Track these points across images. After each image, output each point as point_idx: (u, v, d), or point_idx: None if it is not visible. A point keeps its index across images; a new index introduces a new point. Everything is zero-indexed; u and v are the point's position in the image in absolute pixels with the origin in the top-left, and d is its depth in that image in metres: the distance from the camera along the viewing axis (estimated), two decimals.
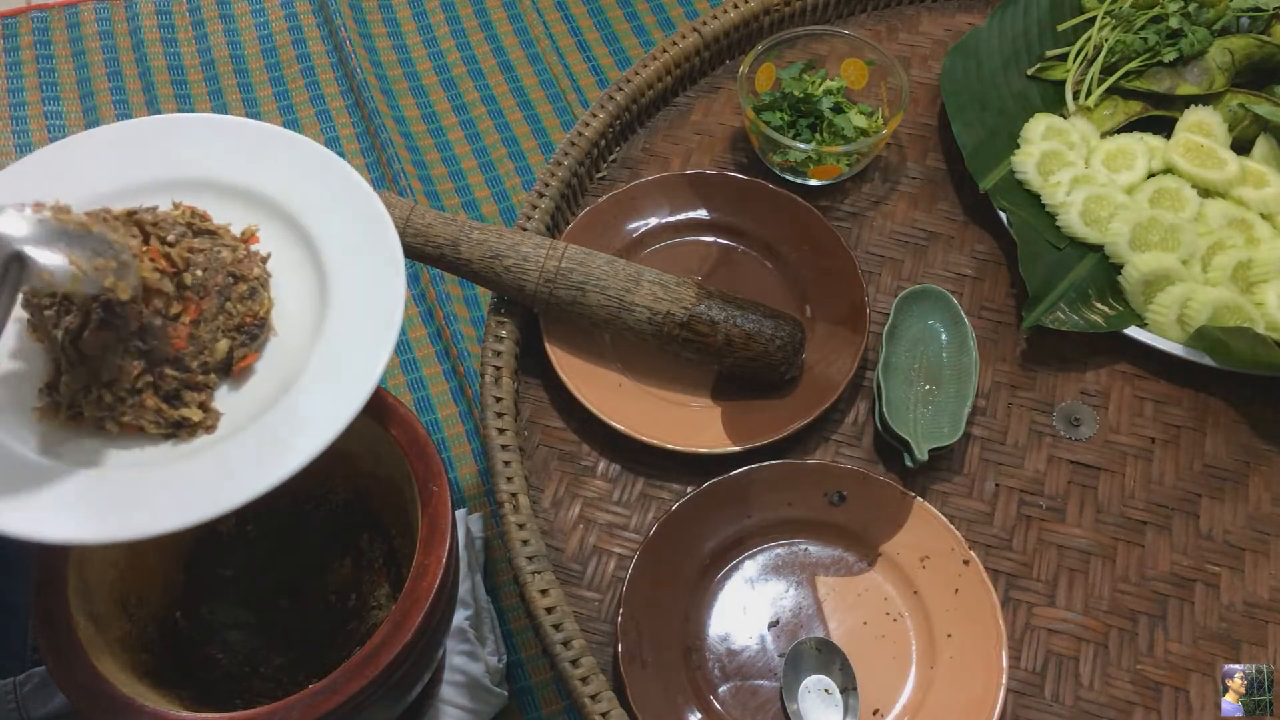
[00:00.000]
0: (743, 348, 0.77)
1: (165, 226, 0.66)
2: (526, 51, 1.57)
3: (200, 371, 0.64)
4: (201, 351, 0.64)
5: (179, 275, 0.64)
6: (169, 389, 0.63)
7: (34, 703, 0.83)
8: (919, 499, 0.75)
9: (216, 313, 0.65)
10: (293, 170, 0.72)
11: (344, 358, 0.66)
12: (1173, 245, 0.84)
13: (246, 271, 0.67)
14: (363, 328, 0.66)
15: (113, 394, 0.62)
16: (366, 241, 0.70)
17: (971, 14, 1.04)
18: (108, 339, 0.62)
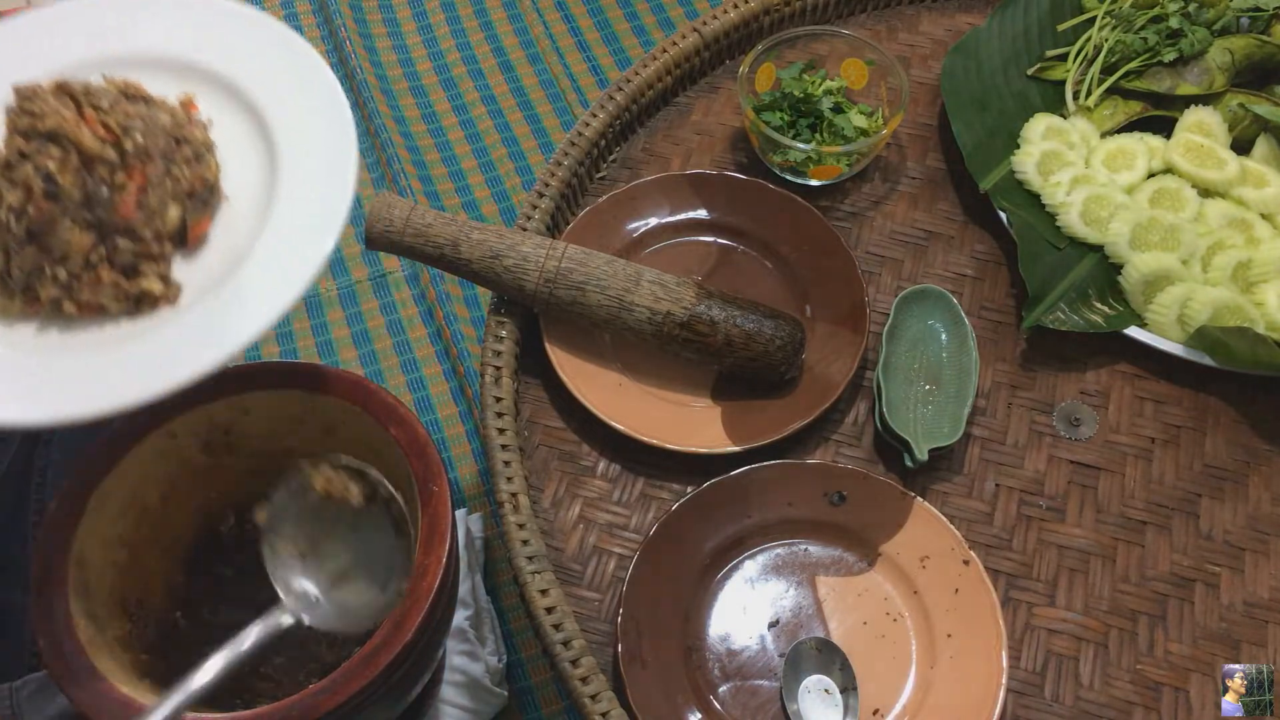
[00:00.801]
0: (743, 348, 0.77)
1: (97, 94, 0.64)
2: (526, 51, 1.57)
3: (154, 241, 0.63)
4: (153, 219, 0.63)
5: (119, 142, 0.63)
6: (124, 261, 0.62)
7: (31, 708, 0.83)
8: (919, 499, 0.75)
9: (163, 178, 0.64)
10: (232, 40, 0.71)
11: (299, 224, 0.65)
12: (1173, 245, 0.84)
13: (189, 135, 0.66)
14: (317, 191, 0.65)
15: (67, 270, 0.61)
16: (316, 107, 0.68)
17: (971, 14, 1.04)
18: (53, 211, 0.60)
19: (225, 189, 0.67)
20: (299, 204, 0.65)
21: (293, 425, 0.80)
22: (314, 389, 0.77)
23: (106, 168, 0.62)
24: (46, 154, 0.60)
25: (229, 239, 0.66)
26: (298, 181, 0.66)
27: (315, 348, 1.30)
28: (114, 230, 0.62)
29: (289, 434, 0.81)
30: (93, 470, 0.73)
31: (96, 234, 0.62)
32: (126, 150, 0.63)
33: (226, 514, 0.85)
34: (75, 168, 0.60)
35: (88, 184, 0.61)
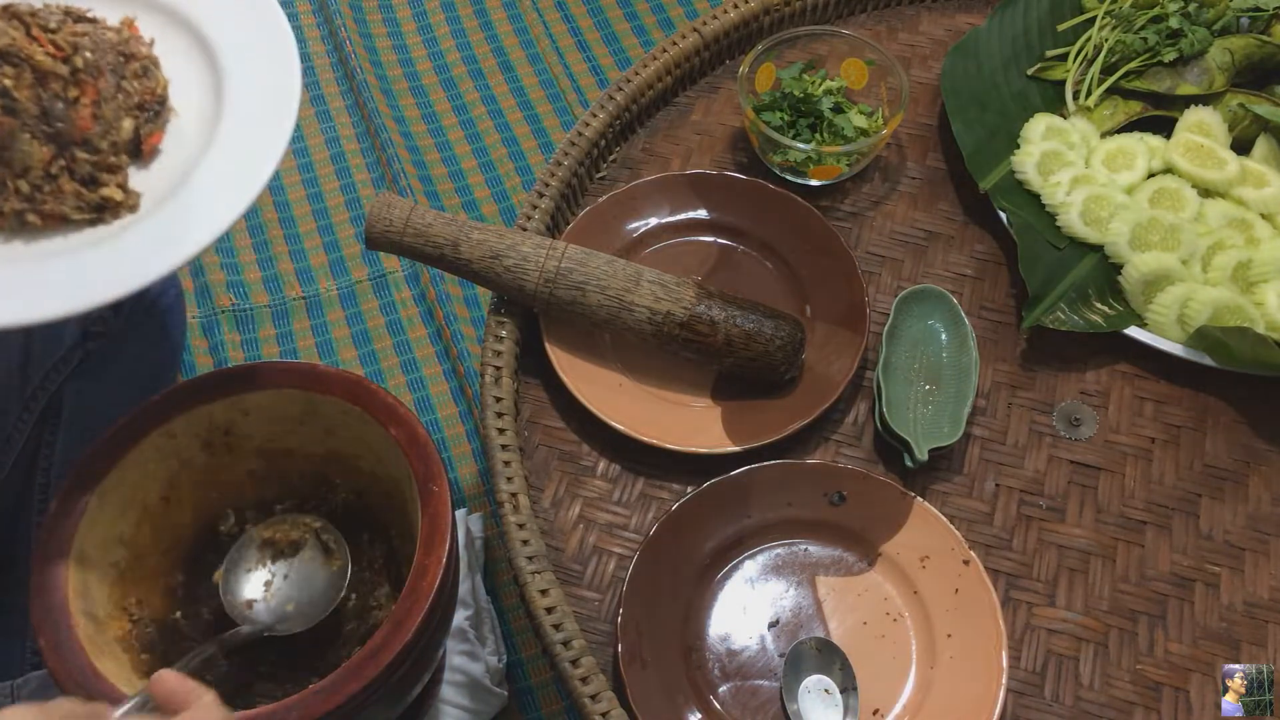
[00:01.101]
0: (743, 348, 0.77)
1: (44, 15, 0.67)
2: (526, 51, 1.57)
3: (111, 152, 0.67)
4: (108, 132, 0.67)
5: (70, 59, 0.66)
6: (84, 173, 0.66)
7: None
8: (919, 499, 0.75)
9: (115, 92, 0.68)
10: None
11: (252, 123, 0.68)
12: (1173, 245, 0.84)
13: (135, 50, 0.69)
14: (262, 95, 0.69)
15: (29, 182, 0.65)
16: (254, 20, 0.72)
17: (971, 14, 1.04)
18: (12, 126, 0.64)
19: (173, 104, 0.71)
20: (246, 110, 0.69)
21: (293, 425, 0.80)
22: (314, 389, 0.77)
23: (60, 83, 0.65)
24: (2, 72, 0.64)
25: (181, 150, 0.69)
26: (242, 91, 0.70)
27: (315, 348, 1.30)
28: (72, 142, 0.66)
29: (289, 434, 0.81)
30: (93, 470, 0.73)
31: (55, 146, 0.65)
32: (78, 66, 0.66)
33: (226, 514, 0.85)
34: (30, 84, 0.64)
35: (43, 99, 0.64)
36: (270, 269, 1.36)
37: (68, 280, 0.63)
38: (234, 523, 0.86)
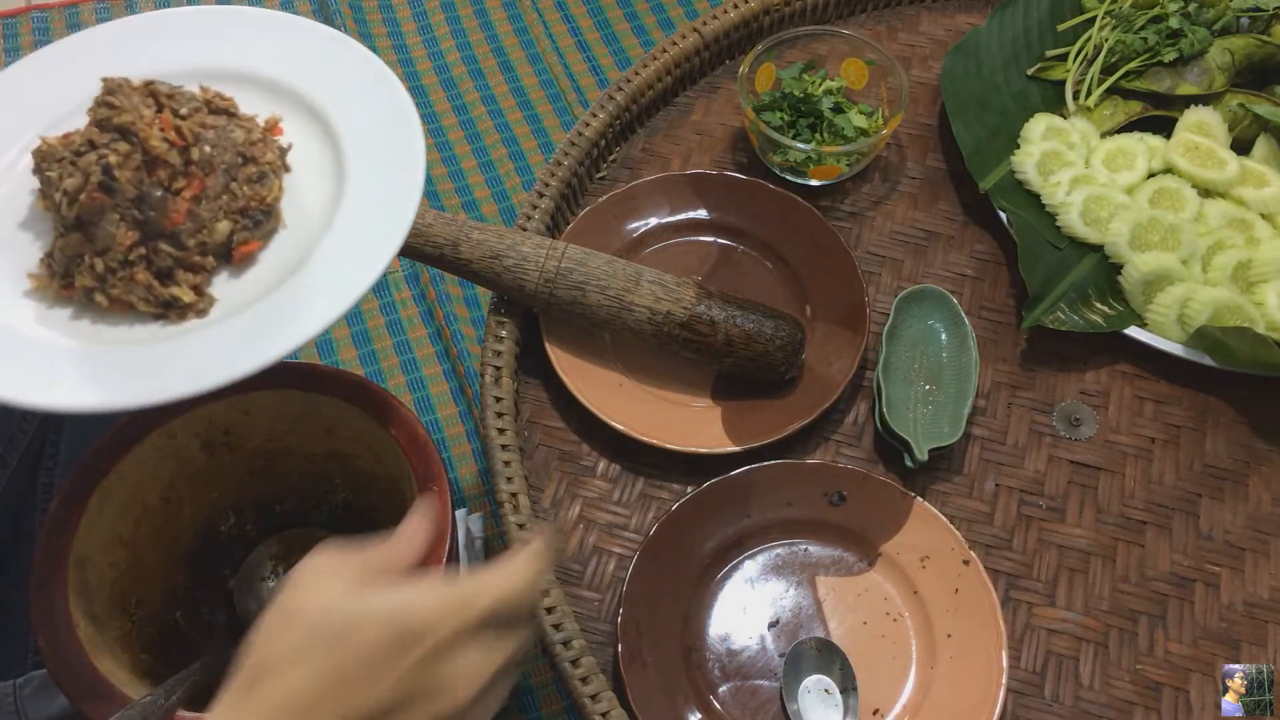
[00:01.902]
0: (743, 348, 0.77)
1: (180, 100, 0.66)
2: (526, 51, 1.57)
3: (197, 252, 0.64)
4: (200, 230, 0.64)
5: (187, 150, 0.64)
6: (162, 265, 0.63)
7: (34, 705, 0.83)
8: (919, 499, 0.75)
9: (220, 192, 0.65)
10: (324, 65, 0.72)
11: (347, 256, 0.65)
12: (1173, 245, 0.84)
13: (259, 155, 0.67)
14: (371, 229, 0.65)
15: (104, 263, 0.63)
16: (390, 145, 0.69)
17: (971, 14, 1.04)
18: (104, 204, 0.62)
19: (286, 216, 0.68)
20: (347, 241, 0.66)
21: (293, 425, 0.80)
22: (314, 389, 0.77)
23: (167, 171, 0.63)
24: (114, 147, 0.62)
25: (276, 265, 0.66)
26: (353, 220, 0.66)
27: (315, 348, 1.31)
28: (159, 233, 0.63)
29: (289, 434, 0.81)
30: (93, 470, 0.73)
31: (141, 233, 0.63)
32: (192, 158, 0.64)
33: (226, 514, 0.85)
34: (136, 165, 0.62)
35: (144, 183, 0.62)
36: None
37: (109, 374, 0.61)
38: (234, 523, 0.86)
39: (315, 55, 0.73)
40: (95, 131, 0.63)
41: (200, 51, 0.73)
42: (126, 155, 0.62)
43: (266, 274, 0.66)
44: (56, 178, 0.63)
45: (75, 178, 0.62)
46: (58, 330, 0.63)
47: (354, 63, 0.72)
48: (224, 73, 0.72)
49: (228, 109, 0.69)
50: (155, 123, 0.63)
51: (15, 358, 0.61)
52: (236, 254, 0.65)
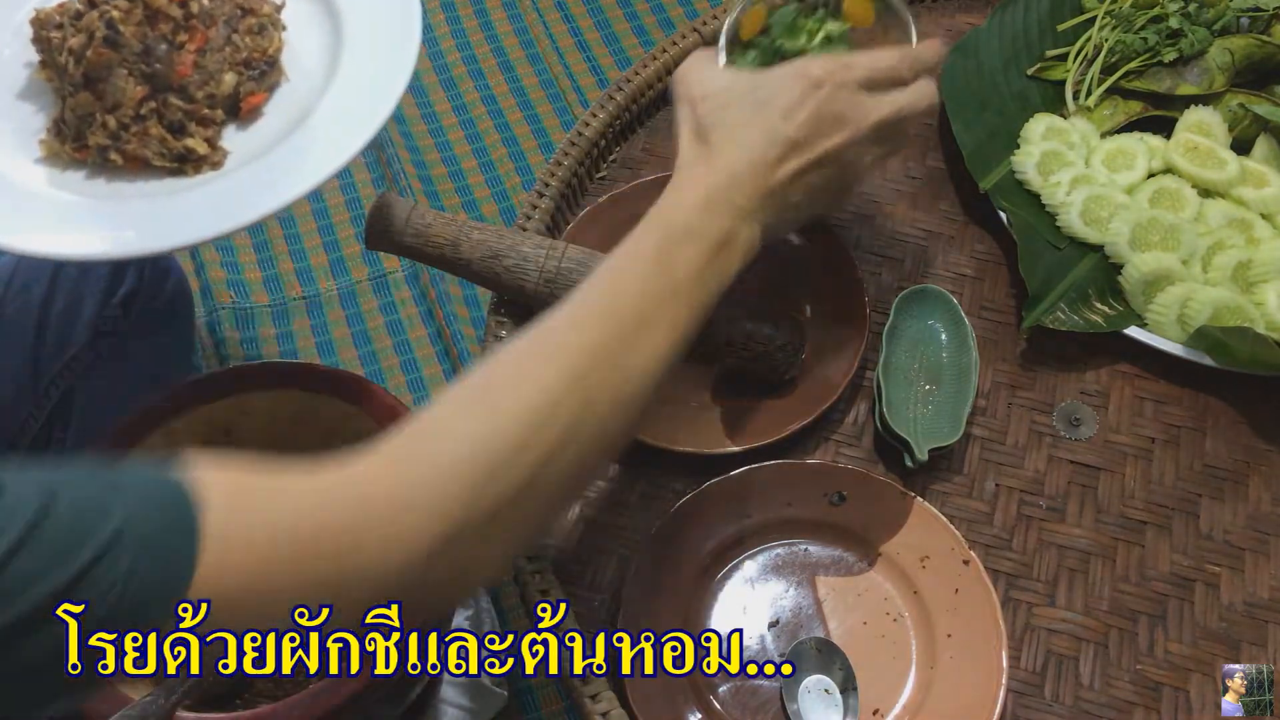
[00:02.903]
0: (743, 348, 0.77)
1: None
2: (526, 51, 1.57)
3: (206, 104, 0.65)
4: (207, 82, 0.66)
5: (186, 3, 0.65)
6: (174, 119, 0.64)
7: None
8: (919, 499, 0.75)
9: (223, 44, 0.66)
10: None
11: (352, 103, 0.66)
12: (1173, 245, 0.84)
13: (256, 6, 0.68)
14: (372, 79, 0.67)
15: (117, 120, 0.63)
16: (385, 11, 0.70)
17: (971, 14, 1.04)
18: (111, 59, 0.63)
19: (288, 70, 0.70)
20: (350, 91, 0.67)
21: (293, 425, 0.80)
22: (314, 389, 0.77)
23: (169, 24, 0.64)
24: (115, 3, 0.63)
25: (282, 116, 0.68)
26: (354, 71, 0.68)
27: (315, 348, 1.31)
28: (167, 87, 0.64)
29: (289, 434, 0.81)
30: None
31: (150, 87, 0.64)
32: (192, 10, 0.65)
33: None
34: (139, 19, 0.63)
35: (148, 37, 0.63)
36: (270, 269, 1.36)
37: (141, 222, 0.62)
38: None
39: None
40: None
41: None
42: (128, 10, 0.63)
43: (274, 126, 0.67)
44: (59, 39, 0.63)
45: (79, 36, 0.63)
46: (75, 191, 0.64)
47: None
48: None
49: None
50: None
51: (36, 215, 0.62)
52: (244, 106, 0.67)
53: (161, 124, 0.64)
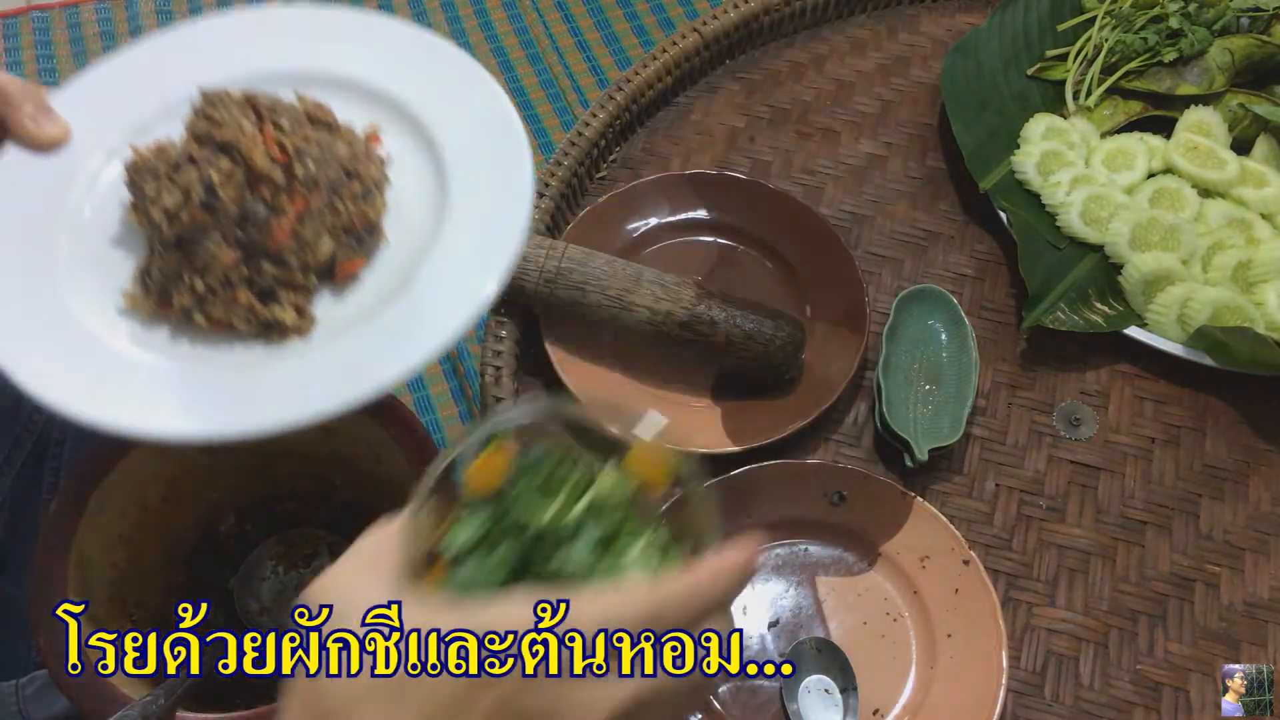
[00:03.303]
0: (743, 348, 0.77)
1: (282, 112, 0.62)
2: (526, 51, 1.57)
3: (300, 271, 0.61)
4: (303, 249, 0.61)
5: (290, 165, 0.61)
6: (264, 285, 0.60)
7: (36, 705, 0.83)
8: (919, 499, 0.75)
9: (325, 210, 0.61)
10: (424, 72, 0.68)
11: (454, 275, 0.61)
12: (1173, 245, 0.84)
13: (363, 170, 0.63)
14: (479, 247, 0.62)
15: (205, 283, 0.60)
16: (495, 158, 0.65)
17: (971, 14, 1.04)
18: (205, 222, 0.59)
19: (389, 231, 0.65)
20: (454, 261, 0.62)
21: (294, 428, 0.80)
22: None
23: (270, 188, 0.60)
24: (215, 164, 0.59)
25: (379, 283, 0.63)
26: (458, 237, 0.63)
27: None
28: (261, 253, 0.60)
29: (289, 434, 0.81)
30: (93, 470, 0.73)
31: (243, 253, 0.60)
32: (295, 175, 0.61)
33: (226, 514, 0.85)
34: (239, 183, 0.59)
35: (247, 201, 0.59)
36: None
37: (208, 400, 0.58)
38: (234, 523, 0.86)
39: (407, 56, 0.69)
40: (195, 146, 0.60)
41: (286, 53, 0.69)
42: (229, 172, 0.59)
43: (369, 293, 0.63)
44: (153, 193, 0.60)
45: (174, 195, 0.59)
46: (156, 351, 0.60)
47: (449, 64, 0.68)
48: (313, 76, 0.68)
49: (328, 122, 0.65)
50: (258, 138, 0.60)
51: (117, 382, 0.58)
52: (339, 272, 0.62)
53: (251, 290, 0.60)
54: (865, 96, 0.98)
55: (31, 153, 0.63)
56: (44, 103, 0.63)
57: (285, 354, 0.60)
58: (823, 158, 0.94)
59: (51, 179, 0.63)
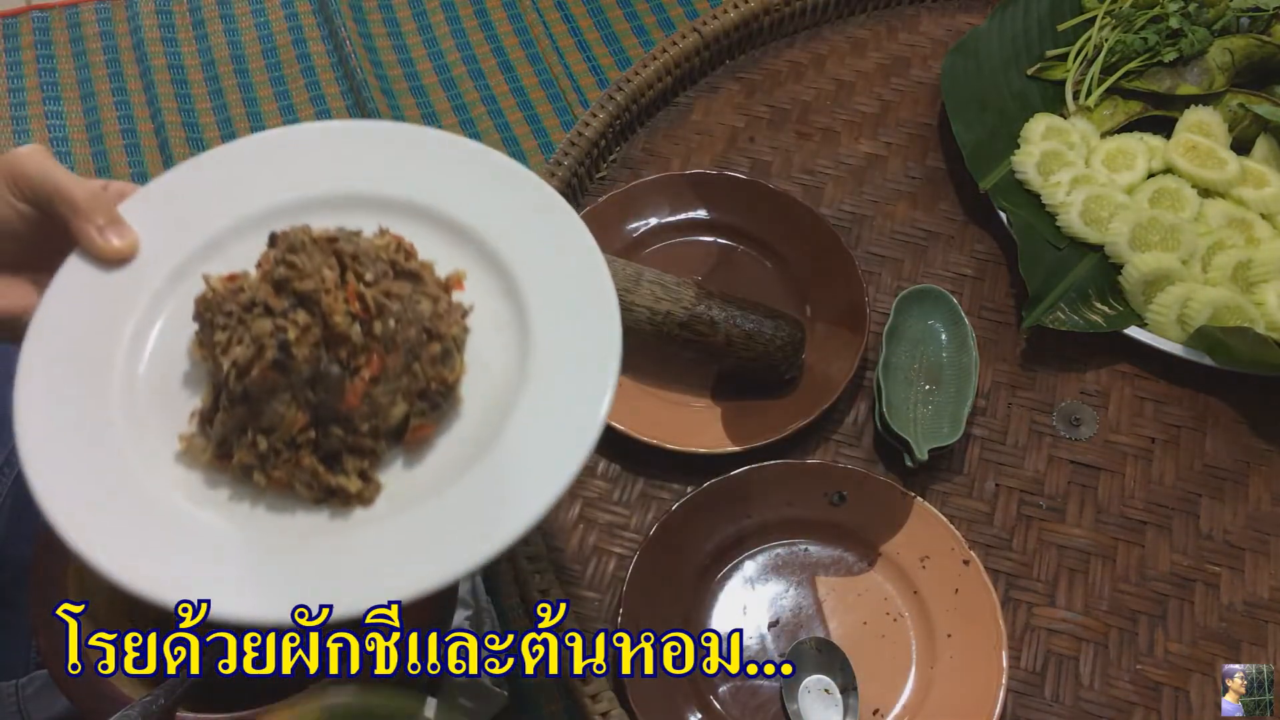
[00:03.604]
0: (743, 348, 0.78)
1: (365, 262, 0.56)
2: (526, 51, 1.57)
3: (369, 435, 0.56)
4: (375, 413, 0.56)
5: (370, 323, 0.55)
6: (330, 448, 0.56)
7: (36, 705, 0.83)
8: (919, 499, 0.75)
9: (401, 372, 0.56)
10: (507, 203, 0.62)
11: (539, 442, 0.56)
12: (1173, 245, 0.84)
13: (444, 330, 0.58)
14: (565, 410, 0.56)
15: (269, 443, 0.55)
16: (580, 306, 0.59)
17: (971, 14, 1.04)
18: (277, 382, 0.54)
19: (465, 387, 0.59)
20: (538, 426, 0.56)
21: None
22: None
23: (347, 347, 0.55)
24: (292, 317, 0.54)
25: (453, 446, 0.57)
26: (540, 398, 0.57)
27: None
28: (330, 417, 0.55)
29: None
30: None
31: (311, 415, 0.55)
32: (374, 333, 0.55)
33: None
34: (314, 342, 0.54)
35: (321, 362, 0.54)
36: None
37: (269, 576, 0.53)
38: None
39: (492, 184, 0.63)
40: (270, 293, 0.55)
41: (370, 172, 0.64)
42: (305, 329, 0.54)
43: (441, 460, 0.57)
44: (223, 340, 0.55)
45: (246, 348, 0.54)
46: (215, 510, 0.55)
47: (531, 198, 0.63)
48: (396, 203, 0.63)
49: (412, 271, 0.59)
50: (339, 294, 0.55)
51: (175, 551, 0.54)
52: (409, 437, 0.57)
53: (316, 454, 0.55)
54: (865, 96, 0.98)
55: (96, 265, 0.59)
56: (114, 215, 0.59)
57: (350, 526, 0.55)
58: (823, 158, 0.94)
59: (114, 294, 0.59)
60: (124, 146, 1.51)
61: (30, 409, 0.56)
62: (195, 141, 1.51)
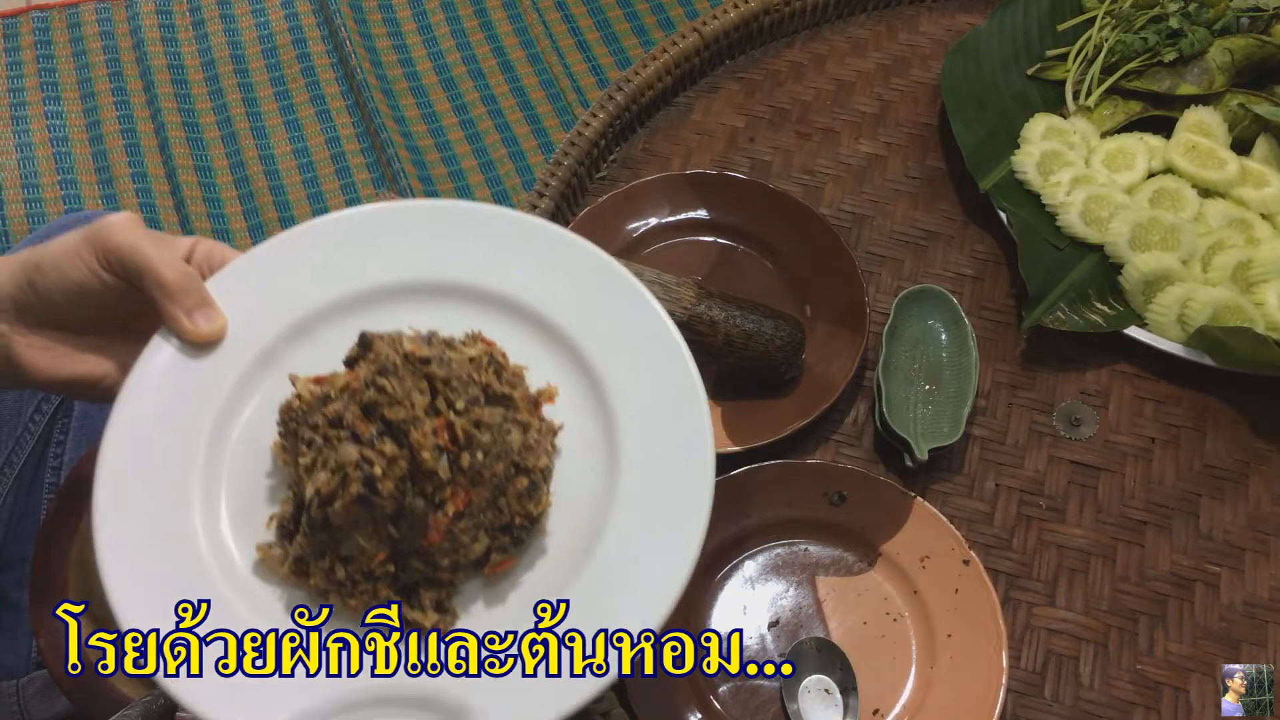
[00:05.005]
0: (743, 348, 0.78)
1: (457, 387, 0.54)
2: (526, 51, 1.57)
3: (448, 570, 0.54)
4: (456, 549, 0.54)
5: (458, 455, 0.53)
6: (407, 580, 0.54)
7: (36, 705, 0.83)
8: (919, 499, 0.75)
9: (485, 508, 0.54)
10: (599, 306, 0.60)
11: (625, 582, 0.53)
12: (1173, 245, 0.84)
13: (533, 462, 0.55)
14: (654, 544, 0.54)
15: (347, 572, 0.53)
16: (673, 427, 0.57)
17: (971, 14, 1.04)
18: (360, 515, 0.52)
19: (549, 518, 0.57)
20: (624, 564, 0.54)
21: None
22: None
23: (433, 483, 0.53)
24: (379, 447, 0.52)
25: (534, 578, 0.56)
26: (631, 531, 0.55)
27: None
28: (411, 550, 0.54)
29: None
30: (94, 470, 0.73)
31: (391, 550, 0.53)
32: (462, 466, 0.53)
33: None
34: (400, 476, 0.52)
35: (405, 497, 0.52)
36: None
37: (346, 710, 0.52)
38: None
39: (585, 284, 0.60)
40: (357, 415, 0.53)
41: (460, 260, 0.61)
42: (392, 460, 0.52)
43: (519, 594, 0.55)
44: (306, 461, 0.53)
45: (329, 477, 0.52)
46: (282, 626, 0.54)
47: (631, 308, 0.60)
48: (489, 295, 0.60)
49: (505, 395, 0.56)
50: (429, 423, 0.52)
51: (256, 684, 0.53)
52: (489, 569, 0.55)
53: (393, 586, 0.54)
54: (865, 96, 0.98)
55: (182, 347, 0.58)
56: (203, 297, 0.57)
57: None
58: (823, 158, 0.94)
59: (200, 377, 0.58)
60: (124, 146, 1.50)
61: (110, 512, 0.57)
62: (195, 141, 1.51)
